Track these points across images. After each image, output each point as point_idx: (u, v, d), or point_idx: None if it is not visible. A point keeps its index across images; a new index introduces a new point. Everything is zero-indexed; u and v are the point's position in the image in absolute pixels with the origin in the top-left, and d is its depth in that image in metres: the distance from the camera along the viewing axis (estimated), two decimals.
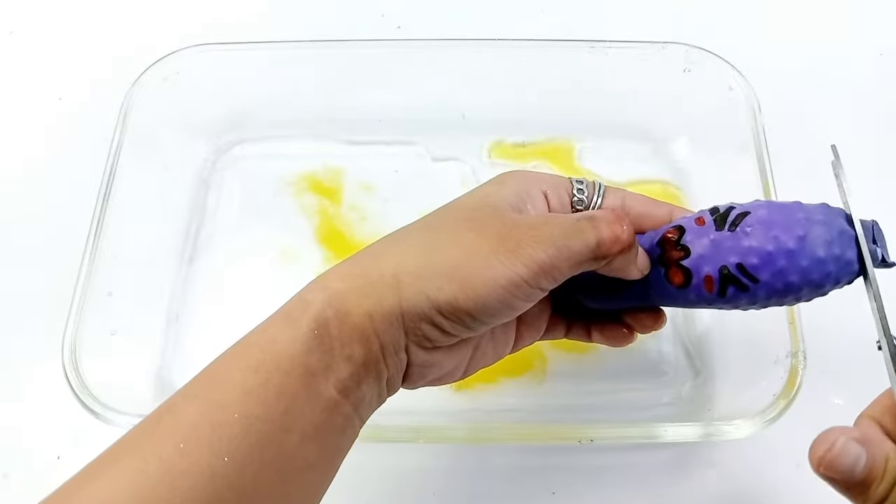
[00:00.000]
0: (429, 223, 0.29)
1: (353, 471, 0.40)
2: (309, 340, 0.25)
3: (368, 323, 0.26)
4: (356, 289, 0.27)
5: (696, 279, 0.29)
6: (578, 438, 0.36)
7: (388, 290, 0.26)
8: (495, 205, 0.29)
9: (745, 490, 0.40)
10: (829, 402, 0.42)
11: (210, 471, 0.23)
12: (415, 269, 0.27)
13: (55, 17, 0.59)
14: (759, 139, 0.43)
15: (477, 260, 0.26)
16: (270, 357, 0.25)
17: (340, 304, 0.26)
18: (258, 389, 0.25)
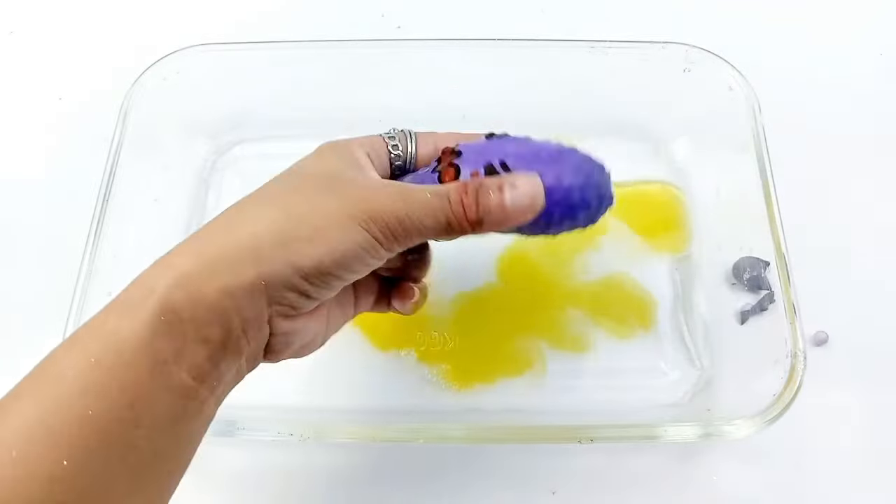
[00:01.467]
0: (278, 192, 0.29)
1: (353, 471, 0.41)
2: (155, 327, 0.24)
3: (228, 301, 0.25)
4: (209, 265, 0.25)
5: (463, 175, 0.31)
6: (578, 438, 0.36)
7: (247, 262, 0.25)
8: (342, 172, 0.30)
9: (745, 490, 0.40)
10: (828, 402, 0.42)
11: (48, 476, 0.21)
12: (277, 237, 0.26)
13: (55, 17, 0.59)
14: (759, 139, 0.43)
15: (338, 224, 0.27)
16: (111, 348, 0.23)
17: (191, 284, 0.25)
18: (98, 385, 0.23)
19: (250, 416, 0.40)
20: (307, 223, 0.27)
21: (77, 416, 0.22)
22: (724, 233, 0.45)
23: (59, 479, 0.22)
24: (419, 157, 0.33)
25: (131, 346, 0.23)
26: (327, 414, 0.41)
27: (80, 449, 0.22)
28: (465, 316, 0.44)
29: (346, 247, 0.27)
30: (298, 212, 0.27)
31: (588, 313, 0.44)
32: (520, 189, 0.29)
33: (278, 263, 0.26)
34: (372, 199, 0.28)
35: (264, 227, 0.26)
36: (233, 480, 0.41)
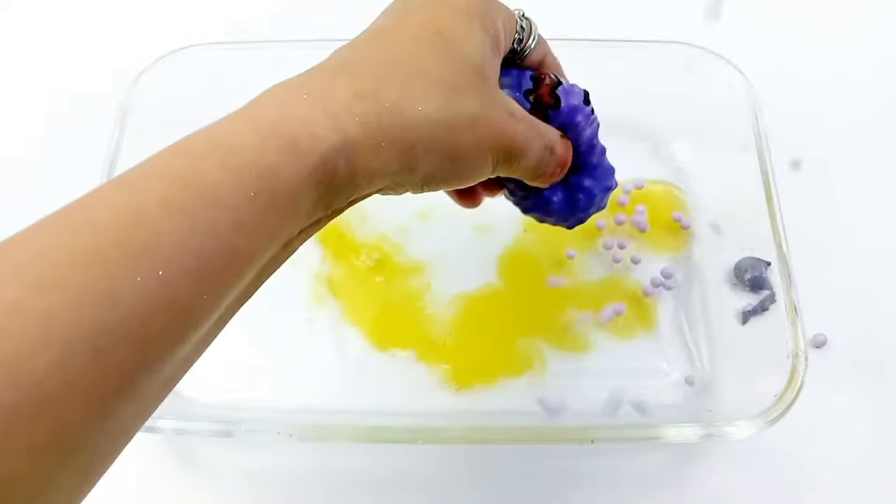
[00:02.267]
0: (434, 70, 0.26)
1: (353, 471, 0.41)
2: (311, 182, 0.22)
3: (366, 185, 0.24)
4: (375, 145, 0.23)
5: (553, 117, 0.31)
6: (578, 439, 0.36)
7: (396, 150, 0.24)
8: (486, 61, 0.28)
9: (746, 491, 0.40)
10: (830, 402, 0.42)
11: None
12: (433, 139, 0.25)
13: (55, 17, 0.59)
14: (760, 139, 0.43)
15: (478, 153, 0.27)
16: (267, 187, 0.21)
17: (355, 157, 0.23)
18: (251, 224, 0.21)
19: (250, 416, 0.41)
20: (459, 139, 0.26)
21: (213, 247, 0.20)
22: (726, 233, 0.45)
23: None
24: (529, 57, 0.32)
25: (287, 191, 0.22)
26: (327, 414, 0.41)
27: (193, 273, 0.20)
28: (465, 316, 0.44)
29: (473, 178, 0.27)
30: (456, 114, 0.25)
31: (588, 313, 0.44)
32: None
33: (421, 172, 0.25)
34: (509, 132, 0.27)
35: (427, 119, 0.25)
36: (233, 480, 0.41)
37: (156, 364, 0.19)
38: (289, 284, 0.45)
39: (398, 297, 0.44)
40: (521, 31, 0.31)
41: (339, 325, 0.44)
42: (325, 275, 0.45)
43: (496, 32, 0.28)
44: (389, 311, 0.44)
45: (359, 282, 0.45)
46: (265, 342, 0.43)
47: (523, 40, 0.31)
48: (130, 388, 0.19)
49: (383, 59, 0.26)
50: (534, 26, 0.32)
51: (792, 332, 0.37)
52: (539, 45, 0.32)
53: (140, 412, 0.21)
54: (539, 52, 0.32)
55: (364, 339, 0.43)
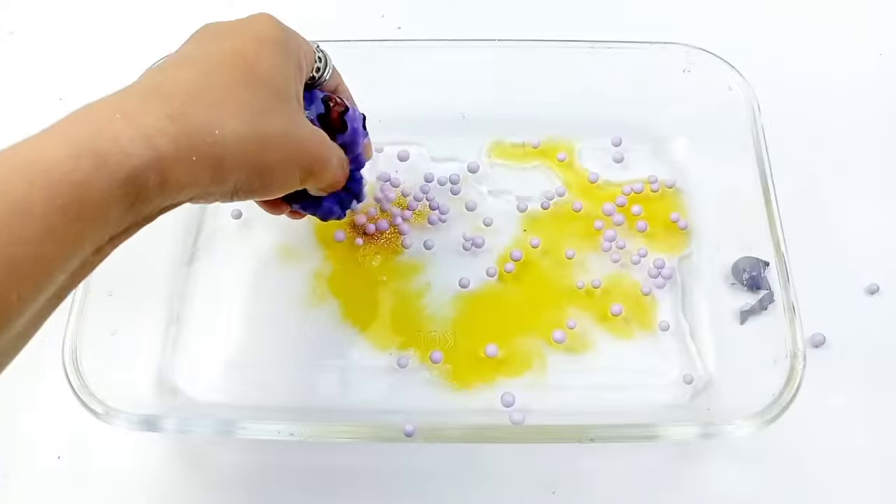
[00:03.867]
0: (241, 95, 0.28)
1: (353, 471, 0.41)
2: (120, 194, 0.24)
3: (177, 195, 0.26)
4: (186, 161, 0.25)
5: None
6: (578, 438, 0.36)
7: (210, 162, 0.26)
8: (288, 87, 0.31)
9: (745, 490, 0.40)
10: (828, 402, 0.42)
11: None
12: (240, 151, 0.27)
13: (55, 17, 0.59)
14: (759, 139, 0.43)
15: (286, 171, 0.30)
16: (78, 200, 0.23)
17: (166, 172, 0.25)
18: (58, 232, 0.22)
19: (250, 416, 0.41)
20: (267, 155, 0.29)
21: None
22: (724, 233, 0.45)
23: None
24: (324, 85, 0.36)
25: (96, 203, 0.23)
26: (327, 414, 0.41)
27: None
28: (465, 316, 0.44)
29: (281, 190, 0.31)
30: (264, 133, 0.28)
31: (588, 313, 0.44)
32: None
33: (231, 184, 0.28)
34: (314, 150, 0.31)
35: (235, 136, 0.27)
36: (233, 480, 0.41)
37: None
38: (289, 284, 0.45)
39: (398, 296, 0.44)
40: (318, 61, 0.35)
41: (339, 325, 0.44)
42: (325, 275, 0.45)
43: (298, 61, 0.32)
44: (389, 311, 0.44)
45: (359, 282, 0.45)
46: (265, 342, 0.43)
47: (321, 69, 0.35)
48: None
49: (194, 83, 0.27)
50: (328, 58, 0.36)
51: (790, 332, 0.37)
52: (333, 75, 0.36)
53: None
54: (333, 81, 0.36)
55: (364, 338, 0.43)
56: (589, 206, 0.47)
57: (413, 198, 0.48)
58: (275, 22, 0.32)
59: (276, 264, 0.46)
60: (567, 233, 0.47)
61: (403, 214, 0.47)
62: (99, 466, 0.41)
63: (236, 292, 0.45)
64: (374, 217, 0.47)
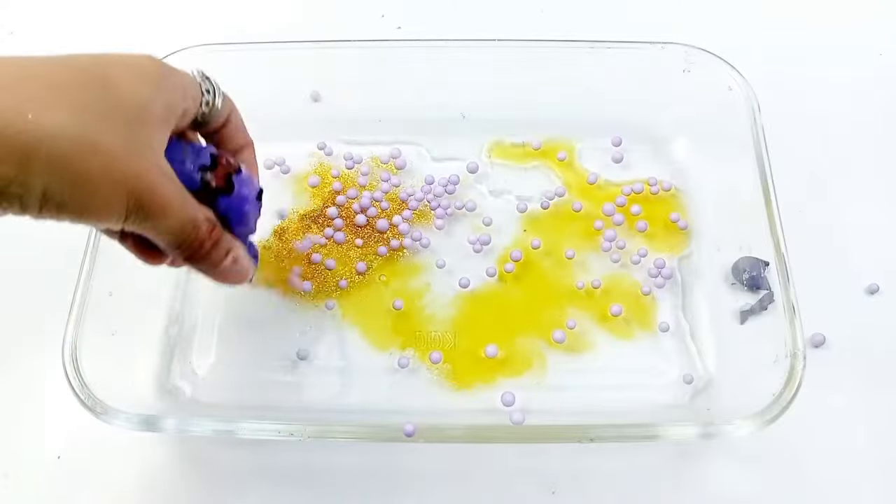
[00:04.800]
0: (81, 96, 0.25)
1: (353, 471, 0.41)
2: None
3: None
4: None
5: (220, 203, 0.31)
6: (578, 438, 0.36)
7: (14, 151, 0.23)
8: (149, 116, 0.27)
9: (745, 490, 0.40)
10: (828, 402, 0.42)
11: None
12: (62, 137, 0.23)
13: (55, 17, 0.59)
14: (759, 139, 0.43)
15: (111, 187, 0.25)
16: None
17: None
18: None
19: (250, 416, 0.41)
20: (88, 164, 0.24)
21: None
22: (724, 233, 0.45)
23: None
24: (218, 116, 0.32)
25: None
26: (327, 414, 0.42)
27: None
28: (465, 316, 0.44)
29: (101, 216, 0.26)
30: (89, 135, 0.24)
31: (588, 313, 0.44)
32: (240, 265, 0.32)
33: (39, 187, 0.24)
34: (152, 182, 0.26)
35: (53, 129, 0.23)
36: (233, 480, 0.41)
37: None
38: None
39: (398, 296, 0.44)
40: (206, 94, 0.31)
41: (339, 325, 0.44)
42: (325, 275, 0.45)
43: (170, 99, 0.28)
44: (389, 311, 0.44)
45: (359, 282, 0.45)
46: (266, 342, 0.43)
47: (210, 102, 0.31)
48: None
49: (27, 67, 0.24)
50: (216, 85, 0.32)
51: (790, 332, 0.38)
52: (225, 104, 0.32)
53: None
54: (225, 110, 0.33)
55: (364, 339, 0.43)
56: (589, 206, 0.47)
57: (413, 198, 0.48)
58: (156, 61, 0.29)
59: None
60: (567, 233, 0.47)
61: (403, 214, 0.47)
62: (99, 466, 0.41)
63: (236, 292, 0.45)
64: (374, 217, 0.47)
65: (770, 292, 0.41)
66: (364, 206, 0.47)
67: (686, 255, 0.46)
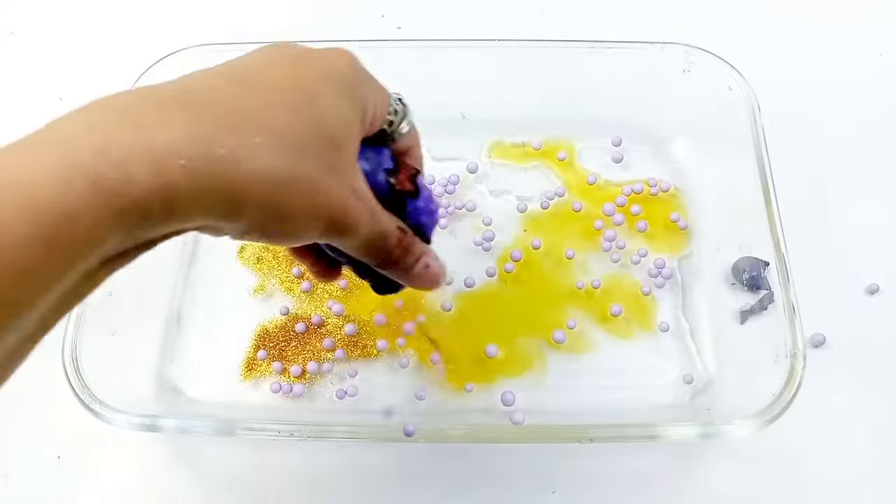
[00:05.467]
0: (284, 125, 0.24)
1: (353, 471, 0.41)
2: (117, 222, 0.21)
3: (182, 223, 0.23)
4: (198, 192, 0.22)
5: (410, 206, 0.30)
6: (578, 438, 0.36)
7: (225, 197, 0.22)
8: (344, 140, 0.26)
9: (745, 490, 0.40)
10: (828, 402, 0.42)
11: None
12: (269, 181, 0.23)
13: (55, 17, 0.59)
14: (759, 139, 0.43)
15: (311, 221, 0.26)
16: (67, 227, 0.20)
17: (173, 201, 0.21)
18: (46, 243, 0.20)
19: (250, 416, 0.41)
20: (292, 201, 0.24)
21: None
22: (724, 233, 0.45)
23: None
24: (398, 142, 0.31)
25: (88, 231, 0.20)
26: (327, 414, 0.42)
27: None
28: (465, 316, 0.44)
29: (298, 242, 0.27)
30: (295, 176, 0.24)
31: (588, 313, 0.44)
32: (431, 270, 0.31)
33: (245, 223, 0.24)
34: (344, 206, 0.26)
35: (262, 175, 0.23)
36: (233, 480, 0.41)
37: None
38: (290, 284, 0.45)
39: (398, 296, 0.44)
40: (393, 114, 0.30)
41: (339, 324, 0.44)
42: None
43: (364, 109, 0.28)
44: (390, 311, 0.44)
45: (359, 282, 0.45)
46: (266, 342, 0.43)
47: (394, 123, 0.30)
48: None
49: (231, 102, 0.24)
50: (408, 111, 0.31)
51: (790, 332, 0.38)
52: (411, 132, 0.31)
53: None
54: (409, 140, 0.31)
55: (364, 339, 0.43)
56: (589, 206, 0.47)
57: None
58: (352, 61, 0.28)
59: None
60: (567, 233, 0.47)
61: None
62: (99, 466, 0.41)
63: (236, 292, 0.45)
64: None
65: (770, 292, 0.41)
66: None
67: (686, 255, 0.46)
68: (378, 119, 0.29)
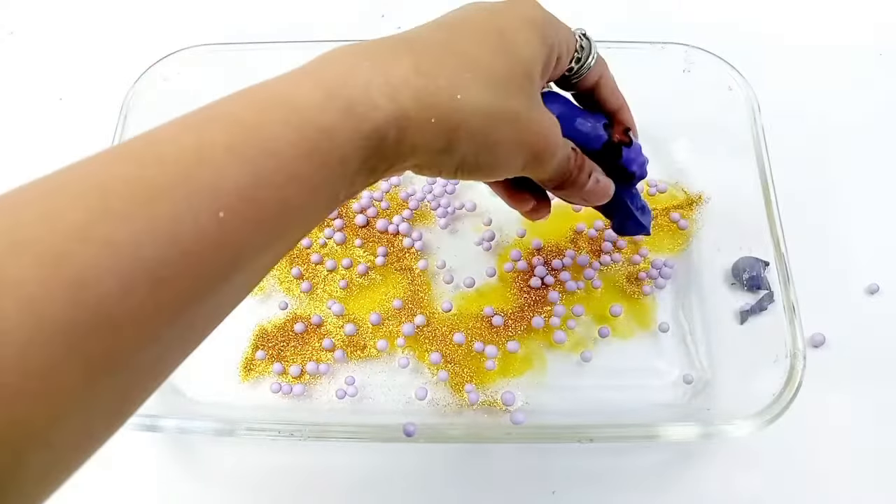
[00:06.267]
0: (489, 63, 0.27)
1: (353, 471, 0.41)
2: (362, 146, 0.23)
3: (408, 158, 0.25)
4: (424, 122, 0.25)
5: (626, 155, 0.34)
6: (578, 438, 0.36)
7: (446, 126, 0.25)
8: (534, 71, 0.29)
9: (745, 490, 0.40)
10: (828, 402, 0.42)
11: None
12: (481, 112, 0.26)
13: (55, 17, 0.59)
14: (759, 139, 0.43)
15: (514, 153, 0.28)
16: (324, 145, 0.22)
17: (405, 130, 0.24)
18: (301, 175, 0.22)
19: (250, 416, 0.41)
20: (500, 131, 0.27)
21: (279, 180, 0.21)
22: (724, 233, 0.45)
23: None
24: (587, 76, 0.33)
25: (340, 152, 0.23)
26: (327, 414, 0.42)
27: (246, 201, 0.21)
28: (465, 315, 0.44)
29: (503, 172, 0.29)
30: (503, 108, 0.27)
31: (588, 313, 0.44)
32: (602, 183, 0.33)
33: (459, 155, 0.26)
34: (545, 134, 0.29)
35: (476, 106, 0.26)
36: (233, 480, 0.41)
37: (205, 299, 0.21)
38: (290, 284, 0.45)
39: (398, 296, 0.44)
40: (580, 51, 0.33)
41: (339, 324, 0.44)
42: (325, 275, 0.45)
43: (552, 46, 0.30)
44: (389, 311, 0.44)
45: (359, 282, 0.45)
46: (264, 342, 0.43)
47: (582, 59, 0.33)
48: (179, 319, 0.20)
49: (445, 45, 0.27)
50: (593, 46, 0.33)
51: (790, 332, 0.38)
52: (598, 65, 0.34)
53: (183, 343, 0.23)
54: (596, 71, 0.34)
55: (364, 339, 0.43)
56: None
57: (414, 198, 0.48)
58: (538, 5, 0.31)
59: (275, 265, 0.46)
60: (567, 233, 0.47)
61: (404, 214, 0.47)
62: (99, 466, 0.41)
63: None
64: (374, 217, 0.47)
65: (770, 292, 0.41)
66: (364, 206, 0.47)
67: (686, 255, 0.46)
68: (565, 56, 0.32)
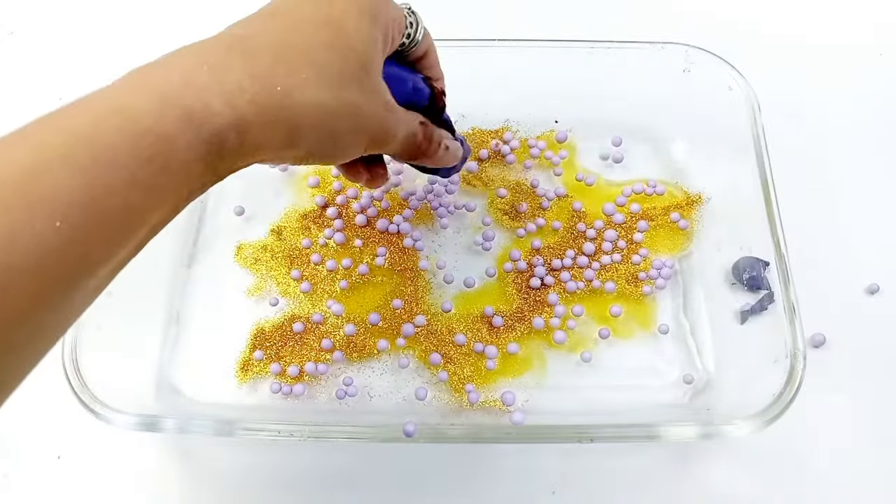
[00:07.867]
0: (323, 59, 0.28)
1: (353, 471, 0.41)
2: (202, 151, 0.24)
3: (252, 156, 0.27)
4: (264, 124, 0.26)
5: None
6: (578, 438, 0.36)
7: (286, 125, 0.27)
8: (371, 59, 0.30)
9: (745, 490, 0.40)
10: (828, 402, 0.42)
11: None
12: (319, 109, 0.27)
13: (55, 17, 0.59)
14: (759, 139, 0.43)
15: (354, 140, 0.30)
16: (163, 152, 0.23)
17: (245, 133, 0.25)
18: (150, 182, 0.23)
19: (250, 416, 0.41)
20: (340, 124, 0.29)
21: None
22: (724, 233, 0.45)
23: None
24: (416, 48, 0.35)
25: (180, 157, 0.24)
26: (327, 414, 0.42)
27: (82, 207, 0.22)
28: (464, 315, 0.44)
29: (348, 157, 0.31)
30: (340, 102, 0.28)
31: (588, 313, 0.44)
32: (451, 149, 0.37)
33: (304, 148, 0.28)
34: (384, 122, 0.31)
35: (314, 104, 0.27)
36: (232, 480, 0.41)
37: (52, 302, 0.22)
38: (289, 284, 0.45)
39: (398, 296, 0.44)
40: (409, 27, 0.34)
41: (339, 324, 0.44)
42: (325, 275, 0.45)
43: (385, 30, 0.31)
44: (389, 311, 0.44)
45: (359, 282, 0.45)
46: (263, 342, 0.43)
47: (412, 35, 0.34)
48: (27, 321, 0.21)
49: (277, 42, 0.27)
50: (419, 19, 0.35)
51: (790, 332, 0.38)
52: (425, 38, 0.35)
53: (38, 345, 0.23)
54: (424, 45, 0.36)
55: (364, 339, 0.43)
56: (589, 206, 0.47)
57: (414, 198, 0.48)
58: None
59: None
60: (567, 233, 0.47)
61: (404, 214, 0.47)
62: (99, 466, 0.41)
63: (236, 292, 0.45)
64: (374, 217, 0.47)
65: (770, 292, 0.41)
66: (364, 206, 0.47)
67: (686, 255, 0.46)
68: (398, 35, 0.33)
